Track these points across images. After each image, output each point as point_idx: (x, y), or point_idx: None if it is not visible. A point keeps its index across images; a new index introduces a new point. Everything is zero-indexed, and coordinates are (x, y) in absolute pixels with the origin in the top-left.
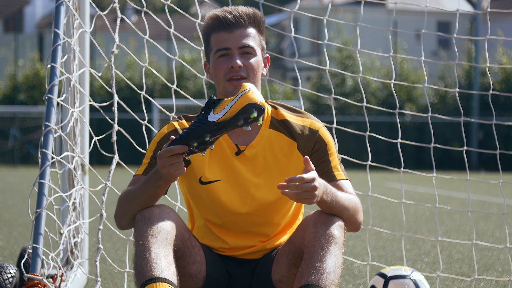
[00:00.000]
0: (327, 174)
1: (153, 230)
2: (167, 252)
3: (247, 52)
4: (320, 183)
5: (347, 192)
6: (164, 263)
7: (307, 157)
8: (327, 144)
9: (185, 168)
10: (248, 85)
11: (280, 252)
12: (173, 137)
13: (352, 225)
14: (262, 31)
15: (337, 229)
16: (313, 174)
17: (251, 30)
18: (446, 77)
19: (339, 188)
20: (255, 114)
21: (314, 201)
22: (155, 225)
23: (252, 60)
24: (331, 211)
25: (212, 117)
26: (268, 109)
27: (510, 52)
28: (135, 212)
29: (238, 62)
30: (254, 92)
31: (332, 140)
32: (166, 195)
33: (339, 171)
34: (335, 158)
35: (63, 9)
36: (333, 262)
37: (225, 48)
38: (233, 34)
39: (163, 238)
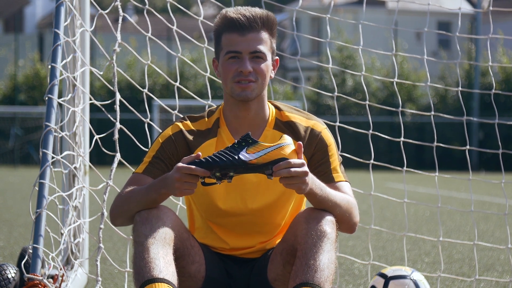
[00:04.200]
0: (326, 175)
1: (152, 231)
2: (166, 252)
3: (258, 56)
4: (311, 175)
5: (345, 193)
6: (163, 263)
7: (300, 143)
8: (328, 146)
9: (194, 190)
10: (287, 139)
11: (274, 251)
12: (200, 153)
13: (345, 224)
14: (274, 34)
15: (329, 225)
16: (301, 160)
17: (264, 34)
18: (446, 77)
19: (337, 189)
20: None
21: (304, 188)
22: (153, 226)
23: (262, 65)
24: (321, 206)
25: (244, 156)
26: (272, 109)
27: (510, 52)
28: (132, 213)
29: (248, 67)
30: (291, 147)
31: (333, 142)
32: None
33: (339, 173)
34: (336, 160)
35: (63, 9)
36: (326, 258)
37: (236, 51)
38: (246, 37)
39: (161, 238)
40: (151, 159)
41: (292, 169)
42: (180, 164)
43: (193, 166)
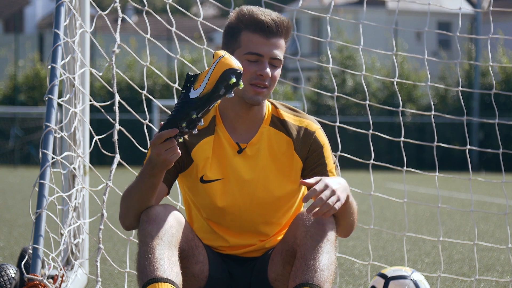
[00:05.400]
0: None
1: (158, 231)
2: (171, 253)
3: (275, 64)
4: (335, 182)
5: None
6: (167, 264)
7: (302, 180)
8: (323, 147)
9: (179, 151)
10: (221, 52)
11: (274, 251)
12: (162, 123)
13: (349, 229)
14: (288, 41)
15: (329, 226)
16: (322, 182)
17: (283, 42)
18: (447, 77)
19: None
20: (234, 79)
21: (343, 201)
22: (160, 226)
23: (277, 72)
24: (344, 214)
25: (193, 94)
26: (269, 106)
27: (510, 52)
28: (137, 209)
29: (269, 72)
30: (228, 57)
31: (327, 142)
32: (168, 196)
33: (334, 175)
34: (331, 162)
35: (63, 10)
36: (326, 259)
37: (259, 54)
38: (269, 41)
39: (168, 240)
40: None
41: (322, 196)
42: (151, 140)
43: (160, 132)
